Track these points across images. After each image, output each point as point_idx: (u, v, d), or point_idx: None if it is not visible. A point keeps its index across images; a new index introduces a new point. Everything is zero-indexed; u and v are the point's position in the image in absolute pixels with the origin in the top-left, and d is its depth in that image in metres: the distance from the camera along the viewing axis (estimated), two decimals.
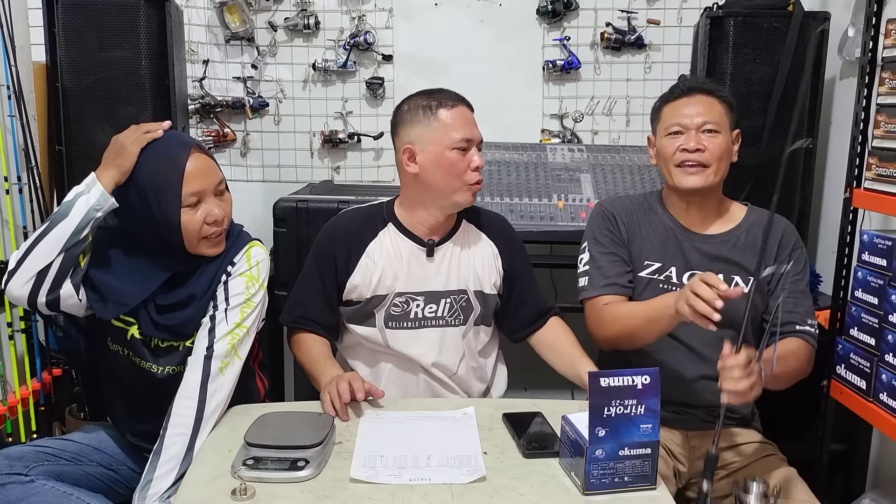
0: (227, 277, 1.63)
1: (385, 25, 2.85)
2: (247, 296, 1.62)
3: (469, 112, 1.77)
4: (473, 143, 1.74)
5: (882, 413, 1.68)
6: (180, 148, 1.60)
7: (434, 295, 1.77)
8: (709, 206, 1.80)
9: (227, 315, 1.59)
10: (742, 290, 1.53)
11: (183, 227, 1.57)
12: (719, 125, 1.74)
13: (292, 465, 1.29)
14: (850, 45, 2.37)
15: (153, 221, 1.57)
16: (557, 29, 2.84)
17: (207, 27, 2.85)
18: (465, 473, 1.30)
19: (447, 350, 1.79)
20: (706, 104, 1.75)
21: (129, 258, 1.62)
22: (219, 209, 1.60)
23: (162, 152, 1.59)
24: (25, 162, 2.26)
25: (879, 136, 1.73)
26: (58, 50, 2.38)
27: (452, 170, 1.71)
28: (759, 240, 1.72)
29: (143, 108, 2.41)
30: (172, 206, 1.56)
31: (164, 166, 1.57)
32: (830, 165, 2.60)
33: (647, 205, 1.86)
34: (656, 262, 1.79)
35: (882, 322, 1.70)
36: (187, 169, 1.57)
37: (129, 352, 1.65)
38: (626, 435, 1.26)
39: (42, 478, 1.54)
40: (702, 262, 1.76)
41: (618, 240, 1.81)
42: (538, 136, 2.89)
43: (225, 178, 1.67)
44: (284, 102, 2.91)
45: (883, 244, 1.71)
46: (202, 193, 1.59)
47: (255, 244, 1.69)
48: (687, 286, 1.50)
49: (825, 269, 2.47)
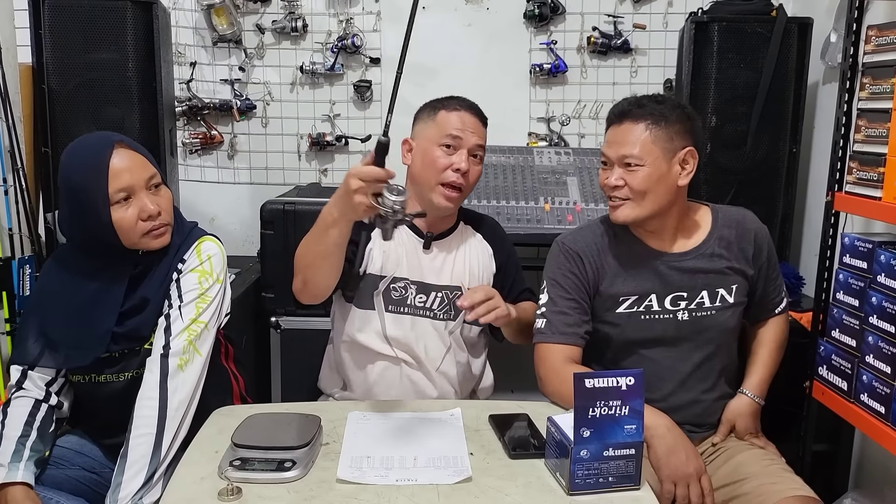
0: (179, 275, 1.61)
1: (373, 28, 2.87)
2: (200, 290, 1.60)
3: (473, 119, 1.78)
4: (463, 144, 1.75)
5: (863, 414, 1.70)
6: (103, 145, 1.56)
7: (425, 286, 1.79)
8: (670, 224, 1.71)
9: (182, 311, 1.58)
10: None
11: (116, 225, 1.54)
12: (642, 157, 1.62)
13: (279, 466, 1.30)
14: (832, 50, 2.40)
15: (87, 223, 1.55)
16: (544, 33, 2.86)
17: (195, 29, 2.86)
18: (451, 474, 1.31)
19: (434, 341, 1.79)
20: (631, 135, 1.63)
21: (78, 292, 1.60)
22: (153, 204, 1.56)
23: (84, 152, 1.56)
24: (11, 164, 2.25)
25: (860, 140, 1.76)
26: (44, 51, 2.37)
27: (432, 165, 1.74)
28: (731, 237, 1.73)
29: (129, 110, 2.42)
30: (101, 205, 1.52)
31: (87, 165, 1.54)
32: (814, 169, 2.63)
33: (611, 233, 1.75)
34: (633, 295, 1.71)
35: (862, 324, 1.72)
36: (112, 165, 1.53)
37: (90, 374, 1.64)
38: (611, 436, 1.27)
39: None
40: (682, 280, 1.71)
41: (581, 284, 1.71)
42: (525, 140, 2.91)
43: (160, 173, 1.63)
44: (272, 105, 2.92)
45: (863, 247, 1.74)
46: (131, 189, 1.55)
47: (207, 238, 1.66)
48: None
49: (808, 271, 2.50)
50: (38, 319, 1.63)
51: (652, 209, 1.65)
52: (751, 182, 2.47)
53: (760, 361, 1.80)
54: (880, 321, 1.66)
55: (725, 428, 1.74)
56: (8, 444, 1.52)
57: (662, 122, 1.64)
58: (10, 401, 1.60)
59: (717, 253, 1.72)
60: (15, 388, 1.62)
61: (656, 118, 1.64)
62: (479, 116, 1.80)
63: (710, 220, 1.76)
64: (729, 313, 1.72)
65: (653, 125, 1.63)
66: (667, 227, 1.71)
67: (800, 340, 1.99)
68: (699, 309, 1.71)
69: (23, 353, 1.62)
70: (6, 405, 1.59)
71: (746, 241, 1.74)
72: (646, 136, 1.63)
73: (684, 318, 1.71)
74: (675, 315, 1.70)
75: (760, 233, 1.76)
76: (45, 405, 1.61)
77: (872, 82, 1.72)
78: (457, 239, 1.85)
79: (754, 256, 1.75)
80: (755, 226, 1.76)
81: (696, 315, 1.70)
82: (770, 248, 1.78)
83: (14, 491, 1.48)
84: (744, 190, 2.46)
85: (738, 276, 1.73)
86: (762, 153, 2.46)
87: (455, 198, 1.76)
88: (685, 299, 1.70)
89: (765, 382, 1.78)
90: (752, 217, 1.78)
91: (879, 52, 1.70)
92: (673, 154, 1.64)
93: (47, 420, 1.59)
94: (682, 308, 1.70)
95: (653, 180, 1.63)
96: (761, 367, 1.79)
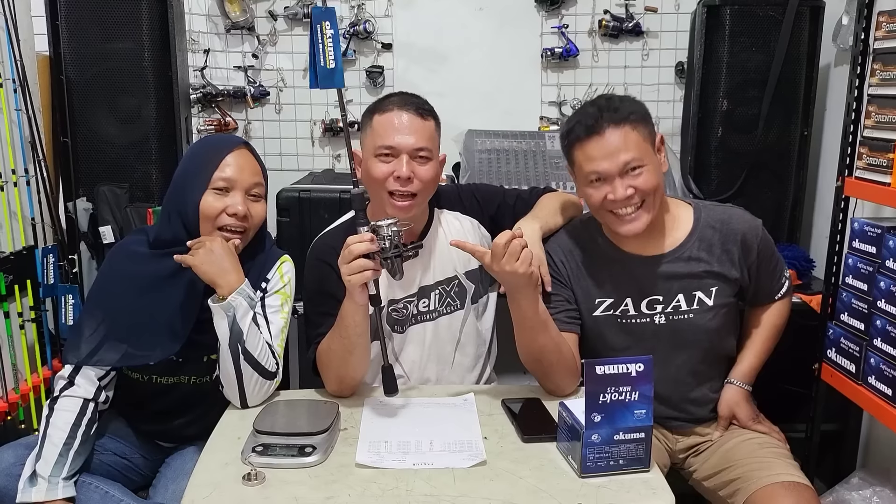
0: (265, 295, 1.67)
1: (384, 14, 2.87)
2: (282, 314, 1.68)
3: (409, 116, 1.65)
4: (401, 149, 1.64)
5: (870, 396, 1.73)
6: (230, 141, 1.68)
7: (423, 290, 1.77)
8: (653, 223, 1.64)
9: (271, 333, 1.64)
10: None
11: (202, 208, 1.61)
12: (641, 157, 1.57)
13: (300, 452, 1.34)
14: (844, 32, 2.39)
15: (181, 198, 1.62)
16: (556, 16, 2.86)
17: (208, 16, 2.87)
18: (466, 458, 1.35)
19: (441, 342, 1.79)
20: (620, 139, 1.56)
21: (151, 292, 1.63)
22: (242, 206, 1.62)
23: (210, 140, 1.72)
24: (32, 154, 2.29)
25: (870, 126, 1.76)
26: (61, 42, 2.39)
27: (374, 178, 1.65)
28: (714, 240, 1.67)
29: (146, 99, 2.45)
30: (199, 186, 1.61)
31: (206, 153, 1.66)
32: (825, 152, 2.63)
33: (586, 235, 1.71)
34: (609, 298, 1.69)
35: (871, 308, 1.74)
36: (226, 157, 1.63)
37: (148, 374, 1.68)
38: (621, 420, 1.30)
39: None
40: (657, 284, 1.67)
41: (560, 281, 1.70)
42: (536, 124, 2.91)
43: (266, 188, 1.70)
44: (285, 91, 2.93)
45: (872, 232, 1.75)
46: (232, 184, 1.62)
47: (286, 259, 1.73)
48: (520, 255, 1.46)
49: (818, 254, 2.50)
50: (103, 316, 1.63)
51: (659, 205, 1.64)
52: (761, 165, 2.48)
53: (752, 349, 1.79)
54: (888, 305, 1.68)
55: (726, 421, 1.75)
56: (51, 450, 1.53)
57: (636, 117, 1.59)
58: (57, 398, 1.60)
59: (695, 256, 1.67)
60: (66, 383, 1.61)
61: (633, 117, 1.59)
62: (417, 111, 1.66)
63: (691, 219, 1.70)
64: (709, 316, 1.69)
65: (633, 123, 1.58)
66: (648, 226, 1.64)
67: (809, 323, 2.01)
68: (676, 312, 1.69)
69: (82, 349, 1.61)
70: (53, 402, 1.59)
71: (732, 242, 1.68)
72: (635, 136, 1.58)
73: (661, 322, 1.69)
74: (652, 319, 1.69)
75: (749, 233, 1.69)
76: (91, 405, 1.60)
77: (883, 68, 1.72)
78: (436, 230, 1.79)
79: (741, 258, 1.69)
80: (743, 226, 1.69)
81: (672, 318, 1.69)
82: (763, 246, 1.71)
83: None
84: (755, 173, 2.47)
85: (717, 280, 1.68)
86: (773, 137, 2.47)
87: (410, 205, 1.66)
88: (661, 303, 1.69)
89: (754, 370, 1.77)
90: (739, 216, 1.71)
91: (890, 39, 1.70)
92: (653, 145, 1.63)
93: (92, 422, 1.60)
94: (659, 312, 1.69)
95: (657, 176, 1.60)
96: (751, 355, 1.78)
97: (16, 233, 2.28)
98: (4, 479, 1.53)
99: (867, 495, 1.89)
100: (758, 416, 1.77)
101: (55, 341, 2.32)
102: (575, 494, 1.25)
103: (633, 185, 1.58)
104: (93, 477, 1.59)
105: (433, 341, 1.79)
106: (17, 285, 2.19)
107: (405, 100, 1.69)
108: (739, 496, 1.60)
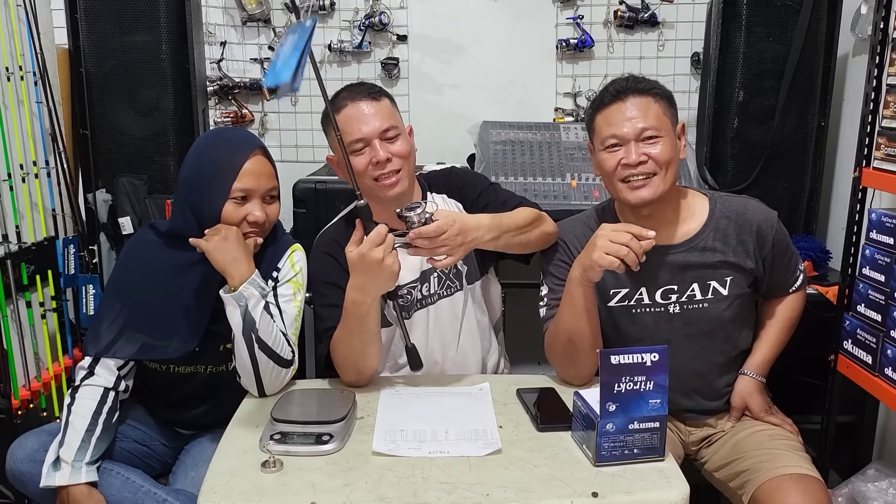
0: (276, 284, 1.69)
1: (399, 6, 2.88)
2: (295, 303, 1.69)
3: (362, 104, 1.70)
4: (370, 138, 1.68)
5: (887, 387, 1.72)
6: (247, 145, 1.66)
7: (423, 275, 1.79)
8: (667, 211, 1.67)
9: (284, 323, 1.65)
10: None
11: (223, 216, 1.62)
12: (659, 128, 1.60)
13: (317, 440, 1.36)
14: (862, 21, 2.37)
15: (199, 205, 1.63)
16: (571, 7, 2.85)
17: (224, 9, 2.89)
18: (481, 446, 1.36)
19: (443, 324, 1.81)
20: (641, 107, 1.60)
21: (169, 285, 1.65)
22: (261, 212, 1.65)
23: (225, 145, 1.67)
24: (53, 146, 2.32)
25: (889, 116, 1.74)
26: (80, 35, 2.41)
27: (356, 174, 1.65)
28: (729, 230, 1.68)
29: (164, 91, 2.46)
30: (219, 196, 1.62)
31: (223, 159, 1.64)
32: (842, 142, 2.61)
33: (600, 224, 1.67)
34: (623, 289, 1.70)
35: (888, 299, 1.73)
36: (245, 166, 1.63)
37: (170, 364, 1.71)
38: (636, 409, 1.31)
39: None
40: (672, 274, 1.68)
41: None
42: (552, 115, 2.91)
43: (279, 189, 1.71)
44: (301, 83, 2.94)
45: (890, 223, 1.74)
46: (251, 193, 1.64)
47: (297, 248, 1.74)
48: (598, 242, 1.50)
49: (835, 245, 2.49)
50: (121, 307, 1.66)
51: (671, 183, 1.63)
52: (778, 156, 2.46)
53: (766, 340, 1.79)
54: None
55: (738, 412, 1.75)
56: (74, 436, 1.56)
57: (661, 94, 1.64)
58: (78, 388, 1.63)
59: (710, 246, 1.68)
60: (87, 373, 1.64)
61: (658, 90, 1.64)
62: (369, 95, 1.71)
63: (706, 210, 1.71)
64: (724, 305, 1.69)
65: (658, 97, 1.63)
66: (661, 212, 1.67)
67: (825, 314, 2.01)
68: (690, 301, 1.69)
69: (102, 340, 1.64)
70: (74, 391, 1.63)
71: (747, 233, 1.68)
72: (657, 107, 1.62)
73: (676, 311, 1.70)
74: (667, 308, 1.70)
75: (764, 224, 1.69)
76: (112, 394, 1.64)
77: None
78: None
79: (756, 249, 1.69)
80: (758, 217, 1.70)
81: (687, 308, 1.69)
82: (778, 237, 1.71)
83: (78, 491, 1.53)
84: (771, 164, 2.46)
85: (732, 270, 1.69)
86: (790, 127, 2.45)
87: (396, 180, 1.71)
88: (676, 292, 1.69)
89: (768, 362, 1.78)
90: (755, 207, 1.72)
91: None
92: (674, 127, 1.66)
93: (113, 410, 1.63)
94: (673, 301, 1.69)
95: (673, 151, 1.62)
96: (766, 347, 1.78)
97: (37, 224, 2.31)
98: (28, 465, 1.56)
99: (883, 487, 1.88)
100: (771, 408, 1.77)
101: (76, 330, 2.36)
102: (589, 483, 1.26)
103: (647, 152, 1.60)
104: (114, 463, 1.62)
105: (436, 325, 1.81)
106: (39, 275, 2.22)
107: (354, 90, 1.74)
108: (749, 487, 1.61)
